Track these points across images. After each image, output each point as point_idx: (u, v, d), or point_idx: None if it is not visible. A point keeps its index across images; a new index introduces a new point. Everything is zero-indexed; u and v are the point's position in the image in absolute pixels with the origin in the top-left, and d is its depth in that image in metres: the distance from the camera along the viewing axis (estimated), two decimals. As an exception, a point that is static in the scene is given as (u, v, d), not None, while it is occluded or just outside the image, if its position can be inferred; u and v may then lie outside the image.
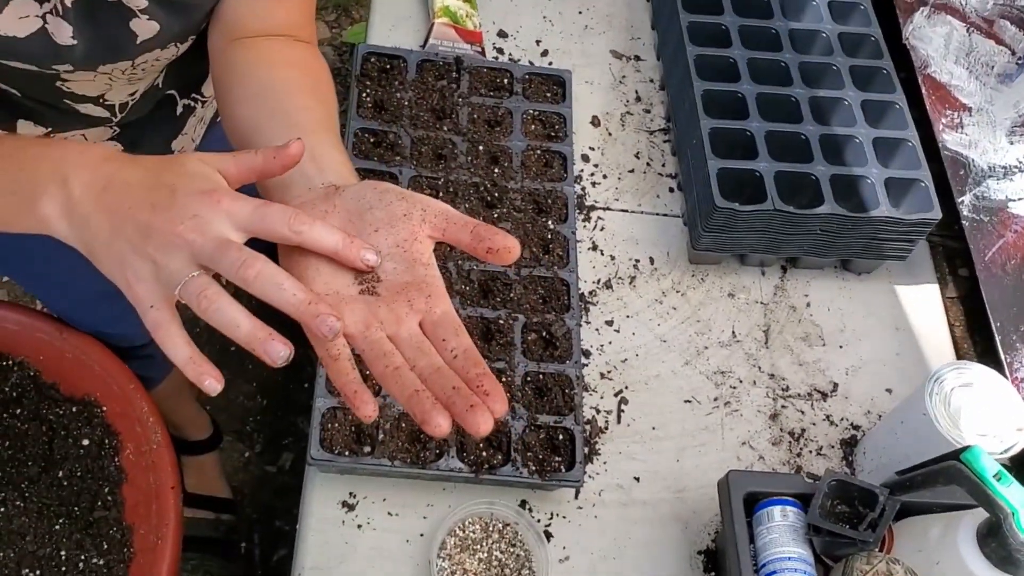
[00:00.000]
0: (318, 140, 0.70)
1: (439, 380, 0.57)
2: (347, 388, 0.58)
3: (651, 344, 1.18)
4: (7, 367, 1.14)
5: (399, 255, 0.62)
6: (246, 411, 1.89)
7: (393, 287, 0.61)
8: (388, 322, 0.60)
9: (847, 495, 0.96)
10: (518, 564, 0.99)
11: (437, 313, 0.60)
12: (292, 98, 0.75)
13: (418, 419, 0.56)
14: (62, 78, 0.82)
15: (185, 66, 0.95)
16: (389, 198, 0.63)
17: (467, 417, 0.56)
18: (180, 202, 0.59)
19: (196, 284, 0.58)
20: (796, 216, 1.16)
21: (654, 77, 1.43)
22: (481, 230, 0.61)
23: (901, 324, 1.25)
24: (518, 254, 0.61)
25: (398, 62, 1.30)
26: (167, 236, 0.58)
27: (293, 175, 0.66)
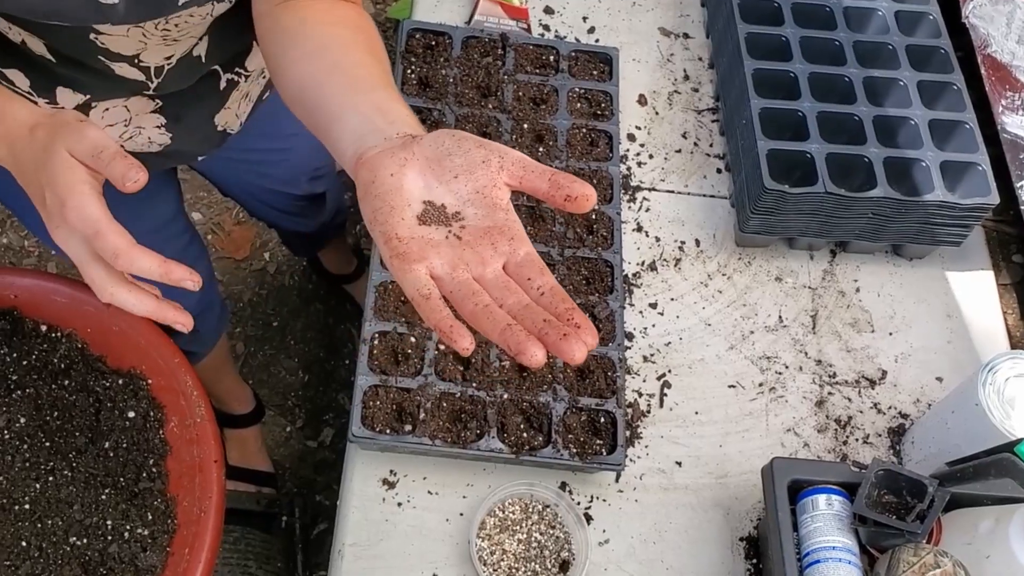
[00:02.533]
0: (383, 95, 0.71)
1: (529, 315, 0.58)
2: (442, 324, 0.58)
3: (695, 327, 1.17)
4: (56, 339, 1.16)
5: (479, 200, 0.63)
6: (288, 386, 1.91)
7: (476, 232, 0.62)
8: (473, 264, 0.60)
9: (895, 485, 0.94)
10: (557, 546, 0.98)
11: (520, 255, 0.61)
12: (349, 54, 0.76)
13: (513, 351, 0.56)
14: (96, 31, 0.82)
15: (228, 39, 0.94)
16: (467, 145, 0.64)
17: (561, 345, 0.56)
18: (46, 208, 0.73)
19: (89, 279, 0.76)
20: (847, 199, 1.13)
21: (703, 55, 1.41)
22: (559, 178, 0.61)
23: (953, 311, 1.22)
24: (595, 201, 0.61)
25: (443, 39, 1.28)
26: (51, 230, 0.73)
27: (364, 128, 0.68)
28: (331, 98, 0.72)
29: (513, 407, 1.02)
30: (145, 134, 1.00)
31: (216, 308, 1.39)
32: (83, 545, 1.04)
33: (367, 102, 0.71)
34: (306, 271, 2.03)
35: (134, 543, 1.04)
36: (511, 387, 1.03)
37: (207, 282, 1.34)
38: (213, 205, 2.08)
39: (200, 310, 1.32)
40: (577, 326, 0.56)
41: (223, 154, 1.14)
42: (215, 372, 1.56)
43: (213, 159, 1.14)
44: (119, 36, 0.83)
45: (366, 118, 0.69)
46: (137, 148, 1.02)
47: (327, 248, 1.85)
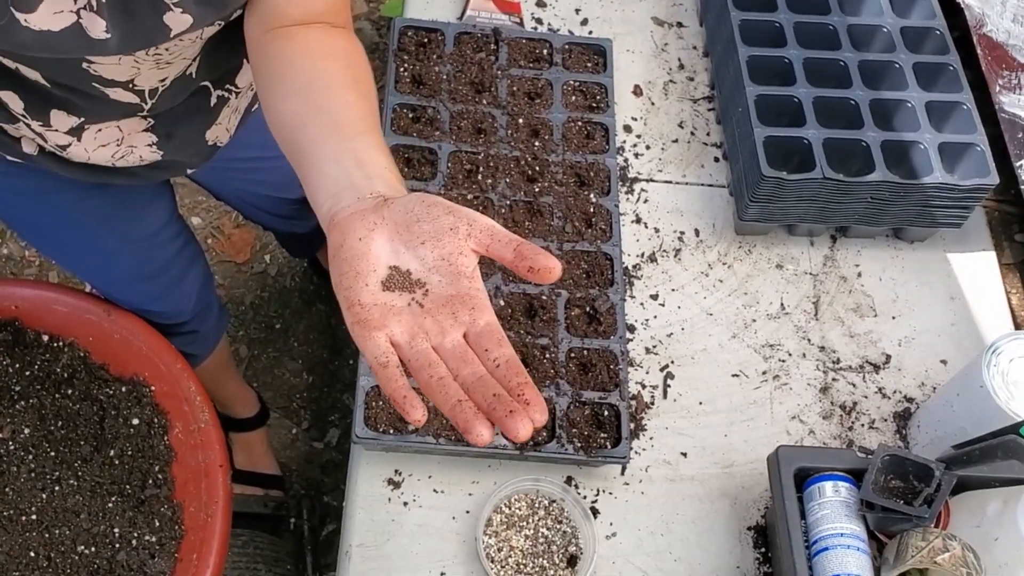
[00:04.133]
0: (364, 144, 0.71)
1: (481, 388, 0.58)
2: (396, 394, 0.59)
3: (697, 318, 1.16)
4: (58, 348, 1.16)
5: (444, 268, 0.63)
6: (292, 388, 1.91)
7: (438, 299, 0.62)
8: (433, 333, 0.61)
9: (901, 470, 0.93)
10: (564, 540, 0.98)
11: (480, 324, 0.61)
12: (335, 94, 0.75)
13: (460, 428, 0.57)
14: (88, 60, 0.82)
15: (219, 58, 0.94)
16: (436, 212, 0.64)
17: (507, 422, 0.57)
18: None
19: None
20: (846, 184, 1.12)
21: (697, 44, 1.40)
22: (524, 249, 0.62)
23: (956, 293, 1.21)
24: (559, 275, 0.62)
25: (436, 35, 1.28)
26: None
27: (340, 183, 0.68)
28: (312, 143, 0.71)
29: (516, 403, 1.01)
30: (137, 152, 1.00)
31: (214, 310, 1.39)
32: (91, 554, 1.04)
33: (347, 151, 0.70)
34: (307, 272, 2.02)
35: (142, 550, 1.05)
36: (514, 383, 1.02)
37: (204, 284, 1.34)
38: (212, 209, 2.08)
39: (198, 311, 1.32)
40: (527, 402, 0.57)
41: (214, 164, 1.13)
42: (218, 376, 1.56)
43: (204, 168, 1.14)
44: (111, 64, 0.83)
45: (344, 170, 0.68)
46: (128, 164, 1.02)
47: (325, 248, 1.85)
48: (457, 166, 1.17)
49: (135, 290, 1.20)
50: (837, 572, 0.88)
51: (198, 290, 1.31)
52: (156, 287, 1.22)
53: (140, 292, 1.20)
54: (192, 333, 1.34)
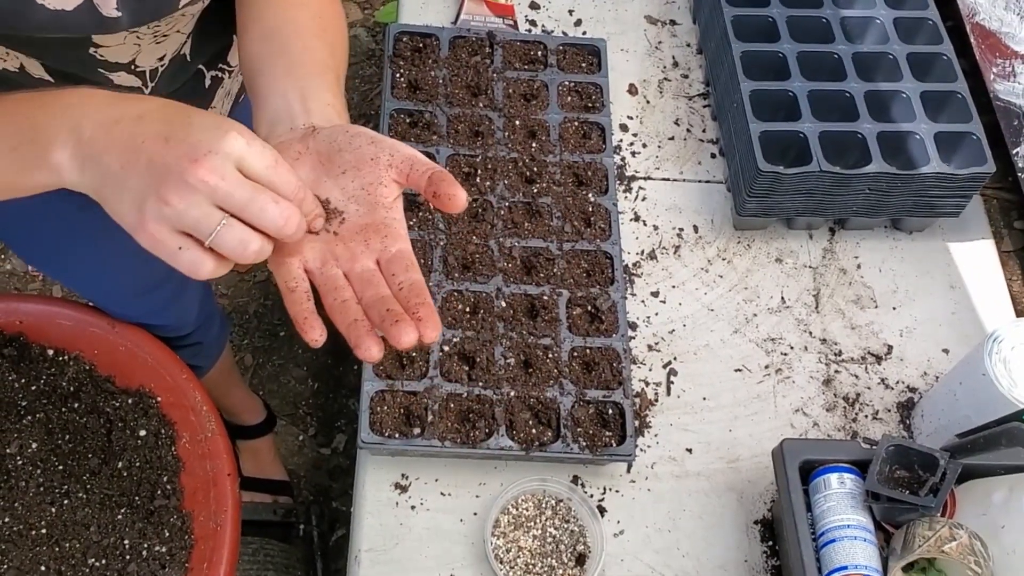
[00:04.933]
0: (313, 83, 0.73)
1: (378, 306, 0.61)
2: (299, 316, 0.62)
3: (699, 313, 1.17)
4: (63, 362, 1.17)
5: (363, 197, 0.66)
6: (298, 395, 1.91)
7: (353, 228, 0.65)
8: (343, 259, 0.64)
9: (906, 460, 0.94)
10: (572, 540, 0.99)
11: (392, 251, 0.64)
12: (297, 39, 0.77)
13: (352, 345, 0.60)
14: (95, 44, 0.82)
15: (210, 36, 0.95)
16: (359, 142, 0.66)
17: (391, 330, 0.60)
18: (195, 135, 0.57)
19: (234, 236, 0.58)
20: (843, 177, 1.13)
21: (691, 41, 1.40)
22: (435, 175, 0.64)
23: (956, 282, 1.22)
24: (463, 204, 0.64)
25: (430, 40, 1.28)
26: (183, 176, 0.56)
27: (279, 113, 0.70)
28: (267, 82, 0.74)
29: (520, 404, 1.02)
30: None
31: (216, 320, 1.40)
32: (102, 566, 1.05)
33: (295, 88, 0.72)
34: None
35: (152, 561, 1.05)
36: (517, 384, 1.03)
37: (205, 295, 1.35)
38: (213, 219, 2.09)
39: (200, 323, 1.33)
40: (419, 318, 0.60)
41: None
42: (223, 385, 1.56)
43: None
44: (116, 45, 0.84)
45: (286, 104, 0.71)
46: None
47: None
48: (455, 169, 1.18)
49: (136, 304, 1.21)
50: (845, 564, 0.89)
51: (199, 302, 1.31)
52: (157, 300, 1.22)
53: (141, 306, 1.21)
54: (196, 345, 1.34)
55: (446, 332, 1.05)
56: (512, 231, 1.13)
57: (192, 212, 0.56)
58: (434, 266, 1.09)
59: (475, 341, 1.05)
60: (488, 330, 1.06)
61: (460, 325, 1.06)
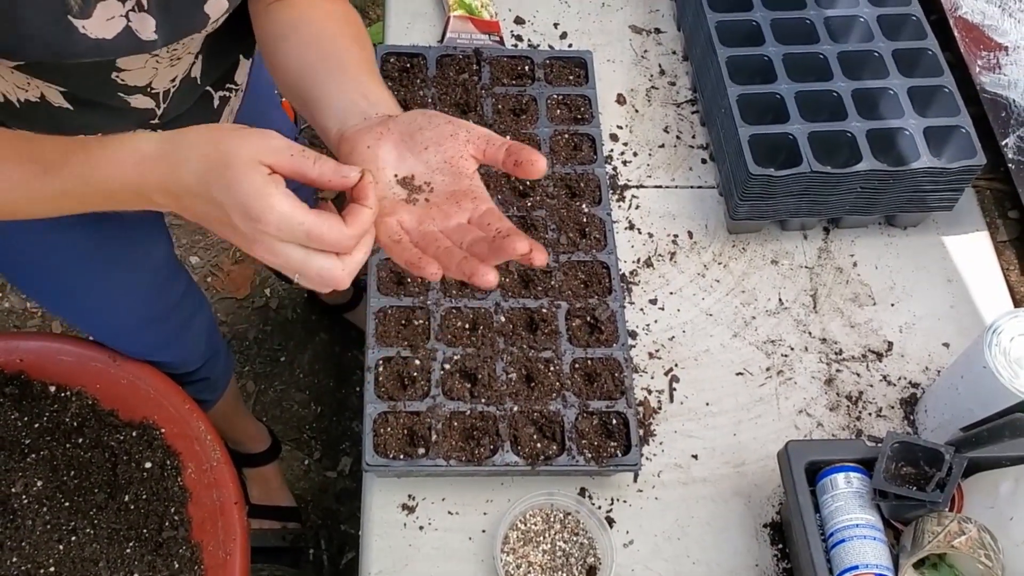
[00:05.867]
0: (367, 82, 0.79)
1: (481, 244, 0.67)
2: (411, 258, 0.67)
3: (697, 319, 1.17)
4: (66, 398, 1.17)
5: (447, 169, 0.71)
6: (302, 419, 1.91)
7: (443, 195, 0.71)
8: (438, 219, 0.70)
9: (911, 456, 0.94)
10: (582, 552, 0.98)
11: (482, 209, 0.70)
12: (339, 44, 0.84)
13: (468, 277, 0.65)
14: (118, 68, 0.85)
15: (218, 56, 0.97)
16: (437, 121, 0.72)
17: (503, 244, 0.65)
18: (240, 231, 0.64)
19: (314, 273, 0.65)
20: (834, 176, 1.13)
21: (676, 49, 1.41)
22: (513, 147, 0.70)
23: (953, 275, 1.22)
24: (543, 169, 0.69)
25: (418, 60, 1.29)
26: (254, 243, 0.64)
27: (348, 109, 0.76)
28: (321, 85, 0.79)
29: (524, 418, 1.02)
30: None
31: (222, 353, 1.40)
32: (113, 601, 1.04)
33: (352, 88, 0.78)
34: (307, 303, 2.03)
35: (163, 593, 1.05)
36: (520, 399, 1.03)
37: (211, 329, 1.35)
38: (210, 247, 2.09)
39: (207, 358, 1.33)
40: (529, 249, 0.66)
41: None
42: (228, 415, 1.56)
43: None
44: (137, 69, 0.86)
45: (351, 101, 0.76)
46: None
47: None
48: (448, 187, 1.18)
49: (142, 337, 1.21)
50: (856, 563, 0.88)
51: (206, 336, 1.32)
52: (163, 333, 1.23)
53: (148, 339, 1.21)
54: (203, 380, 1.35)
55: (446, 350, 1.05)
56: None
57: (279, 261, 0.64)
58: (431, 284, 1.09)
59: (476, 357, 1.05)
60: (488, 346, 1.06)
61: (460, 342, 1.06)
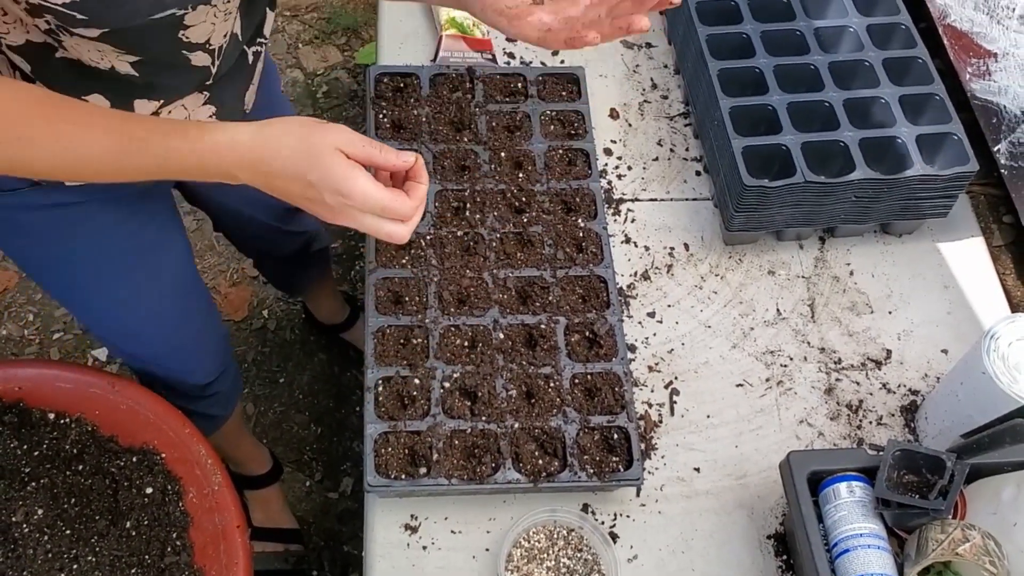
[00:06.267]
0: None
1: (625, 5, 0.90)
2: (567, 36, 0.93)
3: (696, 331, 1.17)
4: (66, 424, 1.16)
5: None
6: (302, 441, 1.91)
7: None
8: (569, 6, 0.91)
9: (913, 464, 0.94)
10: (586, 569, 0.98)
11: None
12: None
13: (626, 30, 0.91)
14: (184, 25, 0.85)
15: (254, 11, 0.98)
16: None
17: None
18: (328, 204, 0.82)
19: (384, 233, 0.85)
20: (828, 186, 1.14)
21: (667, 62, 1.42)
22: None
23: (949, 282, 1.22)
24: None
25: (411, 79, 1.30)
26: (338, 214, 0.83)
27: None
28: None
29: (525, 435, 1.02)
30: None
31: (232, 369, 1.40)
32: (116, 628, 1.04)
33: None
34: (305, 323, 2.03)
35: (166, 619, 1.04)
36: (520, 416, 1.03)
37: (223, 342, 1.35)
38: (208, 270, 2.09)
39: (218, 373, 1.33)
40: None
41: None
42: (233, 436, 1.56)
43: None
44: (199, 24, 0.87)
45: None
46: None
47: (314, 292, 1.85)
48: (445, 204, 1.18)
49: (156, 344, 1.23)
50: (861, 573, 0.88)
51: (220, 349, 1.34)
52: (177, 340, 1.25)
53: (161, 346, 1.23)
54: (215, 395, 1.36)
55: (445, 368, 1.05)
56: (505, 262, 1.14)
57: (356, 225, 0.84)
58: (429, 302, 1.09)
59: (475, 375, 1.05)
60: (488, 363, 1.06)
61: (460, 360, 1.06)
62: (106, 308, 1.19)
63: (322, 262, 1.73)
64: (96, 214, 1.07)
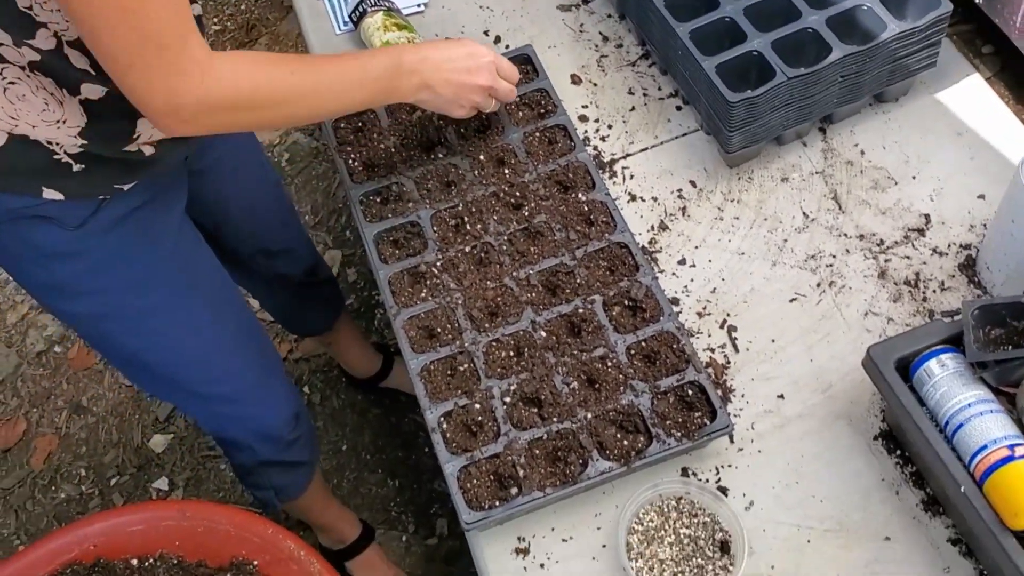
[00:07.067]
0: None
1: None
2: None
3: (731, 262, 1.13)
4: (151, 566, 1.14)
5: None
6: (384, 499, 1.88)
7: None
8: None
9: (996, 317, 0.90)
10: (708, 532, 0.95)
11: None
12: None
13: None
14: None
15: None
16: None
17: None
18: (481, 68, 1.09)
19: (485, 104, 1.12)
20: (812, 76, 1.10)
21: (610, 11, 1.38)
22: None
23: (960, 128, 1.18)
24: None
25: (368, 115, 1.27)
26: (479, 87, 1.10)
27: None
28: None
29: (602, 422, 0.99)
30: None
31: (306, 411, 1.42)
32: None
33: None
34: (348, 387, 2.01)
35: None
36: (590, 404, 0.99)
37: (290, 385, 1.39)
38: (234, 368, 2.07)
39: (296, 409, 1.35)
40: None
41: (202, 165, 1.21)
42: (320, 500, 1.58)
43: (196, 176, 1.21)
44: None
45: None
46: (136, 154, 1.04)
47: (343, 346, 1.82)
48: (443, 225, 1.15)
49: (244, 377, 1.25)
50: (984, 443, 0.84)
51: (292, 385, 1.37)
52: (258, 367, 1.27)
53: (248, 381, 1.25)
54: (300, 438, 1.37)
55: (501, 383, 1.02)
56: (522, 260, 1.10)
57: (479, 101, 1.12)
58: (462, 326, 1.06)
59: (532, 381, 1.02)
60: (540, 364, 1.03)
61: (511, 371, 1.03)
62: (181, 338, 1.18)
63: (333, 299, 1.70)
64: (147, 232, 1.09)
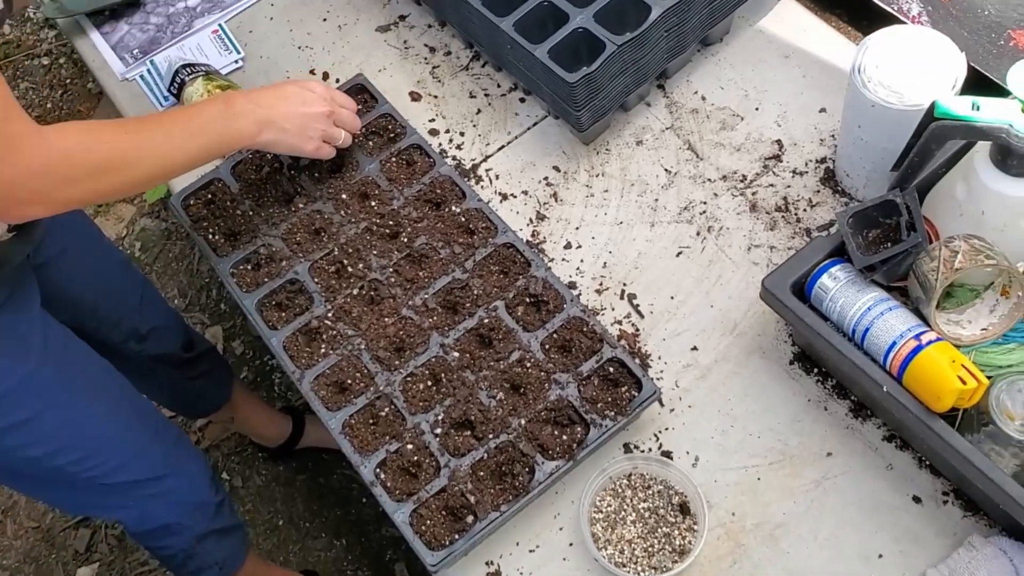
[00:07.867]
0: None
1: None
2: None
3: (613, 234, 1.15)
4: None
5: None
6: (336, 561, 1.83)
7: None
8: None
9: (869, 220, 0.94)
10: (664, 499, 0.96)
11: None
12: None
13: None
14: None
15: None
16: None
17: None
18: (316, 98, 1.11)
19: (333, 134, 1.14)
20: (639, 38, 1.12)
21: (430, 22, 1.37)
22: None
23: (786, 51, 1.23)
24: None
25: (215, 184, 1.22)
26: (320, 114, 1.11)
27: None
28: None
29: (536, 424, 0.98)
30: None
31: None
32: None
33: None
34: (264, 462, 1.94)
35: None
36: (520, 411, 0.99)
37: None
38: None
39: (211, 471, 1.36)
40: None
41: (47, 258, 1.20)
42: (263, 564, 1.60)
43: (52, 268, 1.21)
44: None
45: None
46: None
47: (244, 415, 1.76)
48: (323, 275, 1.12)
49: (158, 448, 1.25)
50: (892, 340, 0.88)
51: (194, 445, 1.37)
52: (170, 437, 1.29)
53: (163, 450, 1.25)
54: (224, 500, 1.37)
55: (427, 416, 1.00)
56: (414, 288, 1.09)
57: (324, 128, 1.12)
58: (371, 370, 1.04)
59: (458, 405, 1.00)
60: (461, 386, 1.01)
61: (435, 401, 1.01)
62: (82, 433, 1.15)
63: (220, 368, 1.64)
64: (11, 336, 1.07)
